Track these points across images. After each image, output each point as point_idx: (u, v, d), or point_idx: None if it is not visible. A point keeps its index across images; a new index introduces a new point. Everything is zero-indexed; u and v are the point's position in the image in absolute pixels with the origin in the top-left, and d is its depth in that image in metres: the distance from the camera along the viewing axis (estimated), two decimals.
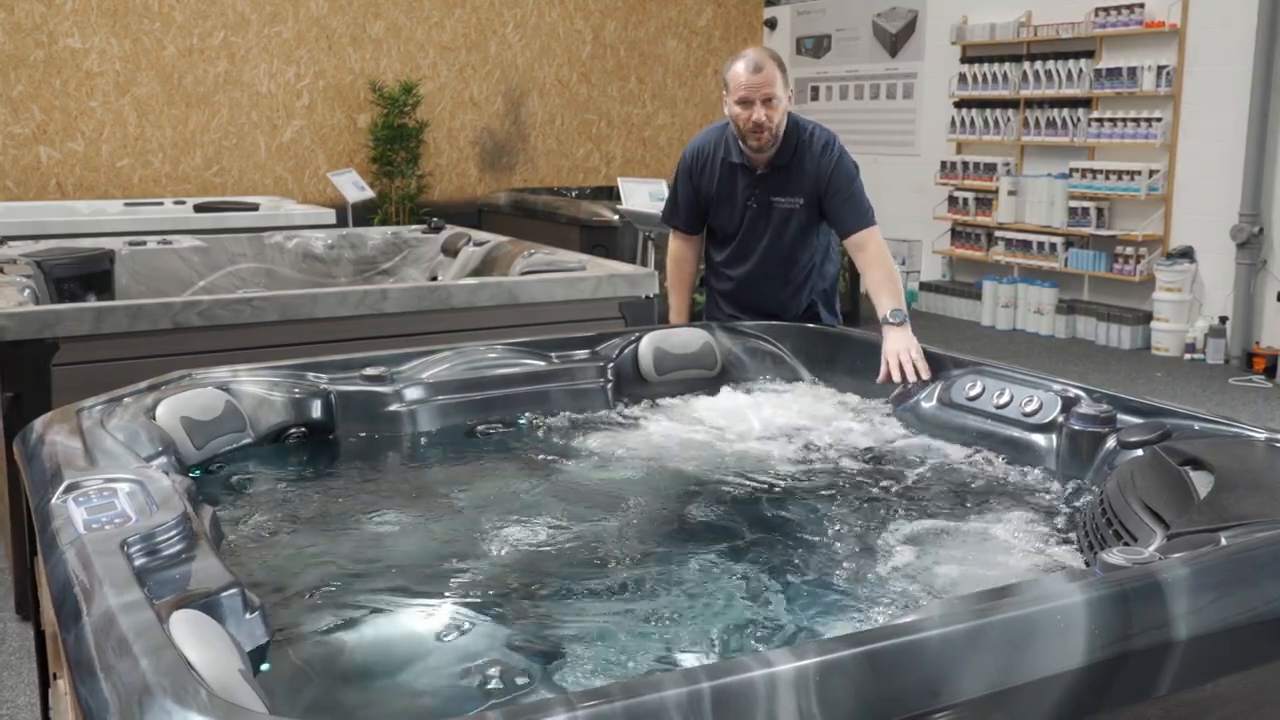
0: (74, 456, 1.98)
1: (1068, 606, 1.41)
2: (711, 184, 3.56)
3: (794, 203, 3.49)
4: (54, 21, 8.46)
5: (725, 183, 3.54)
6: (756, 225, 3.54)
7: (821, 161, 3.45)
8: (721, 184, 3.55)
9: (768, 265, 3.57)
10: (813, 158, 3.46)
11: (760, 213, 3.52)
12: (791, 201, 3.49)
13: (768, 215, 3.52)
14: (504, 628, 1.71)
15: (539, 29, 10.33)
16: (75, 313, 3.60)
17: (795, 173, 3.47)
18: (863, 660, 1.28)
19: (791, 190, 3.48)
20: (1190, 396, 6.64)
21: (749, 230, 3.56)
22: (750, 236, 3.57)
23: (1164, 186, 7.89)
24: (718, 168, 3.55)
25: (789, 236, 3.53)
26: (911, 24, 9.97)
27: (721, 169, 3.54)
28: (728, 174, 3.53)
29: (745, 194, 3.52)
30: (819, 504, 2.24)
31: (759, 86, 3.30)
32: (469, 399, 2.79)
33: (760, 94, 3.30)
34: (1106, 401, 2.43)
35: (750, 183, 3.50)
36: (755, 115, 3.31)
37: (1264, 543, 1.61)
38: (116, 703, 1.21)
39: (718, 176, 3.55)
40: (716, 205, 3.59)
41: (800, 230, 3.53)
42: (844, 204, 3.45)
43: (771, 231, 3.54)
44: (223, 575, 1.55)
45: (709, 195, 3.58)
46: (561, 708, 1.16)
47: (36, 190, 8.51)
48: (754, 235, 3.56)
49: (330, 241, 5.82)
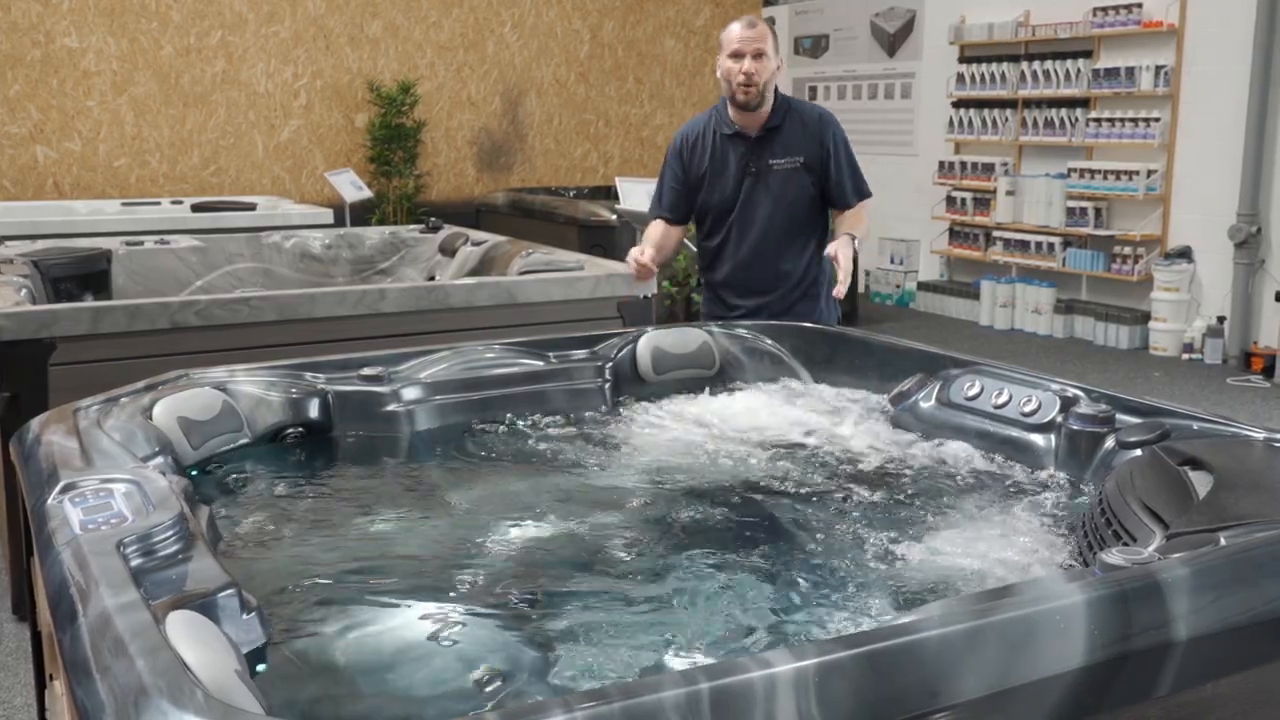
0: (70, 456, 1.97)
1: (1067, 607, 1.40)
2: (704, 160, 3.65)
3: (794, 162, 3.59)
4: (51, 21, 8.45)
5: (719, 155, 3.63)
6: (755, 193, 3.61)
7: (819, 128, 3.61)
8: (715, 158, 3.64)
9: (769, 233, 3.63)
10: (808, 123, 3.61)
11: (758, 179, 3.61)
12: (791, 161, 3.60)
13: (765, 180, 3.60)
14: (501, 628, 1.70)
15: (537, 29, 10.32)
16: (72, 312, 3.59)
17: (790, 134, 3.60)
18: (862, 661, 1.28)
19: (790, 150, 3.60)
20: (1188, 396, 6.64)
21: (747, 199, 3.62)
22: (749, 206, 3.62)
23: (1162, 186, 7.90)
24: (710, 142, 3.65)
25: (789, 199, 3.61)
26: (909, 24, 9.97)
27: (714, 143, 3.64)
28: (721, 146, 3.63)
29: (741, 162, 3.61)
30: (817, 504, 2.24)
31: (751, 40, 3.48)
32: (467, 399, 2.78)
33: (751, 48, 3.47)
34: (1105, 401, 2.42)
35: (746, 150, 3.60)
36: (745, 66, 3.46)
37: (1263, 543, 1.61)
38: (112, 703, 1.21)
39: (710, 151, 3.64)
40: (710, 181, 3.65)
41: (800, 194, 3.61)
42: (847, 173, 3.62)
43: (771, 197, 3.61)
44: (219, 575, 1.54)
45: (700, 174, 3.66)
46: (559, 709, 1.16)
47: (34, 190, 8.50)
48: (753, 204, 3.62)
49: (328, 241, 5.81)
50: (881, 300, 10.14)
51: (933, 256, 9.79)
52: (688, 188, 3.69)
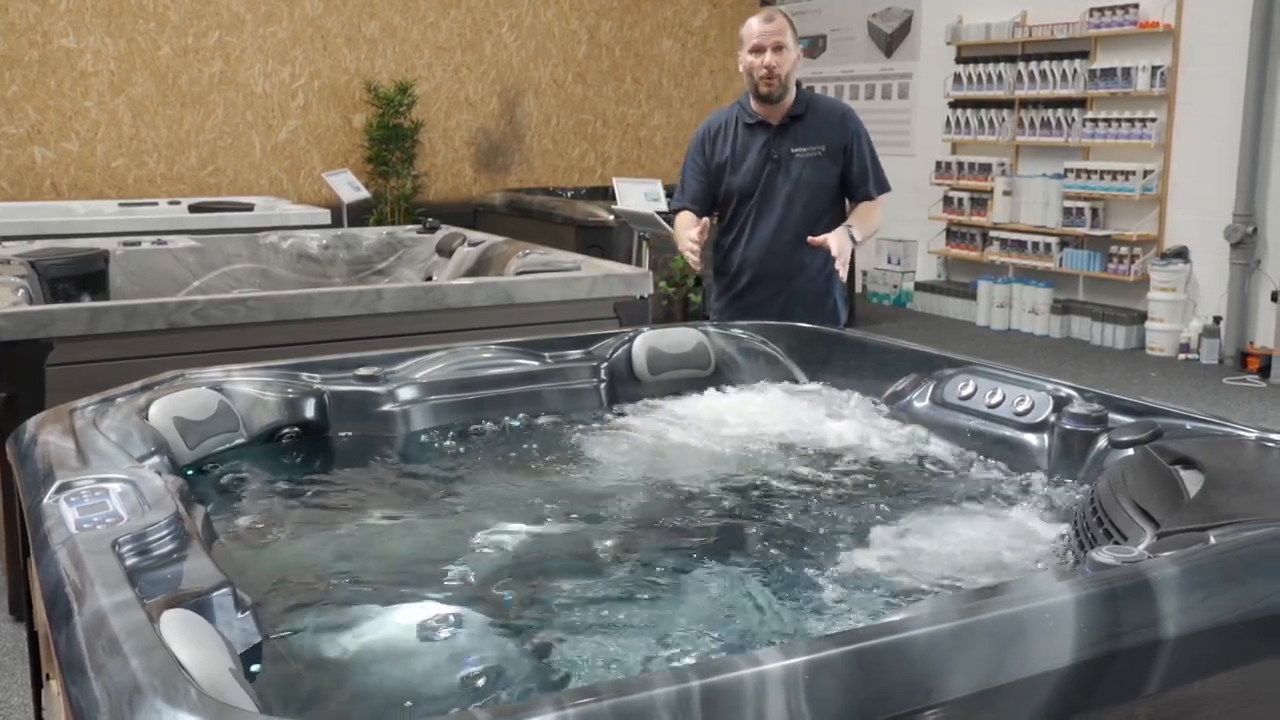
0: (66, 456, 1.98)
1: (1057, 605, 1.41)
2: (725, 148, 3.72)
3: (816, 150, 3.67)
4: (48, 21, 8.45)
5: (741, 144, 3.70)
6: (775, 179, 3.67)
7: (841, 121, 3.70)
8: (737, 146, 3.71)
9: (787, 220, 3.67)
10: (830, 115, 3.71)
11: (779, 166, 3.67)
12: (813, 149, 3.67)
13: (787, 168, 3.67)
14: (495, 627, 1.71)
15: (534, 29, 10.33)
16: (70, 313, 3.60)
17: (812, 124, 3.68)
18: (851, 659, 1.29)
19: (811, 139, 3.67)
20: (1184, 396, 6.65)
21: (768, 185, 3.68)
22: (769, 191, 3.68)
23: (1158, 186, 7.91)
24: (732, 131, 3.72)
25: (810, 187, 3.67)
26: (907, 24, 9.98)
27: (736, 133, 3.72)
28: (743, 135, 3.71)
29: (763, 150, 3.67)
30: (811, 503, 2.25)
31: (771, 34, 3.57)
32: (462, 399, 2.79)
33: (771, 41, 3.56)
34: (1098, 401, 2.43)
35: (768, 138, 3.67)
36: (766, 59, 3.55)
37: (1253, 541, 1.61)
38: (107, 702, 1.21)
39: (733, 139, 3.71)
40: (732, 167, 3.71)
41: (821, 182, 3.67)
42: (868, 166, 3.70)
43: (791, 183, 3.67)
44: (214, 575, 1.55)
45: (721, 162, 3.72)
46: (550, 706, 1.16)
47: (31, 190, 8.50)
48: (773, 190, 3.67)
49: (325, 242, 5.82)
50: (879, 300, 10.14)
51: (930, 257, 9.80)
52: (709, 178, 3.75)
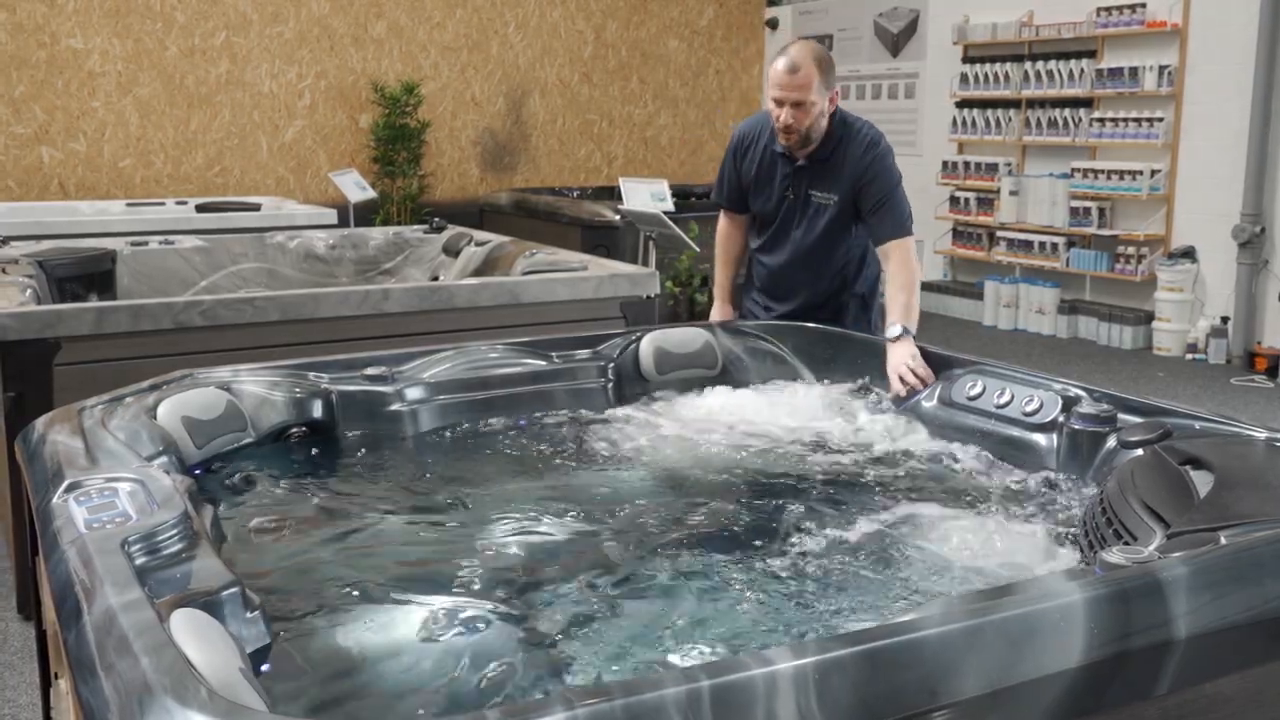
0: (75, 456, 1.98)
1: (1067, 605, 1.41)
2: (752, 168, 3.58)
3: (829, 199, 3.46)
4: (56, 22, 8.46)
5: (766, 170, 3.55)
6: (792, 216, 3.55)
7: (862, 161, 3.40)
8: (762, 170, 3.56)
9: (801, 257, 3.56)
10: (854, 157, 3.41)
11: (796, 204, 3.52)
12: (827, 197, 3.46)
13: (804, 208, 3.52)
14: (505, 627, 1.71)
15: (540, 29, 10.33)
16: (77, 313, 3.60)
17: (835, 169, 3.43)
18: (862, 659, 1.28)
19: (828, 186, 3.45)
20: (1192, 396, 6.64)
21: (784, 220, 3.56)
22: (785, 226, 3.57)
23: (1165, 186, 7.89)
24: (760, 153, 3.55)
25: (822, 231, 3.51)
26: (913, 24, 9.97)
27: (763, 155, 3.55)
28: (769, 161, 3.54)
29: (783, 184, 3.52)
30: (818, 503, 2.24)
31: (791, 89, 3.27)
32: (470, 399, 2.79)
33: (791, 97, 3.27)
34: (1107, 401, 2.43)
35: (789, 173, 3.50)
36: (784, 117, 3.31)
37: (1263, 541, 1.61)
38: (117, 701, 1.21)
39: (759, 162, 3.56)
40: (756, 190, 3.60)
41: (834, 227, 3.50)
42: (876, 210, 3.39)
43: (806, 224, 3.52)
44: (223, 574, 1.55)
45: (749, 178, 3.61)
46: (561, 706, 1.16)
47: (38, 190, 8.52)
48: (789, 226, 3.56)
49: (332, 241, 5.82)
50: None
51: (936, 256, 9.78)
52: (741, 185, 3.64)
